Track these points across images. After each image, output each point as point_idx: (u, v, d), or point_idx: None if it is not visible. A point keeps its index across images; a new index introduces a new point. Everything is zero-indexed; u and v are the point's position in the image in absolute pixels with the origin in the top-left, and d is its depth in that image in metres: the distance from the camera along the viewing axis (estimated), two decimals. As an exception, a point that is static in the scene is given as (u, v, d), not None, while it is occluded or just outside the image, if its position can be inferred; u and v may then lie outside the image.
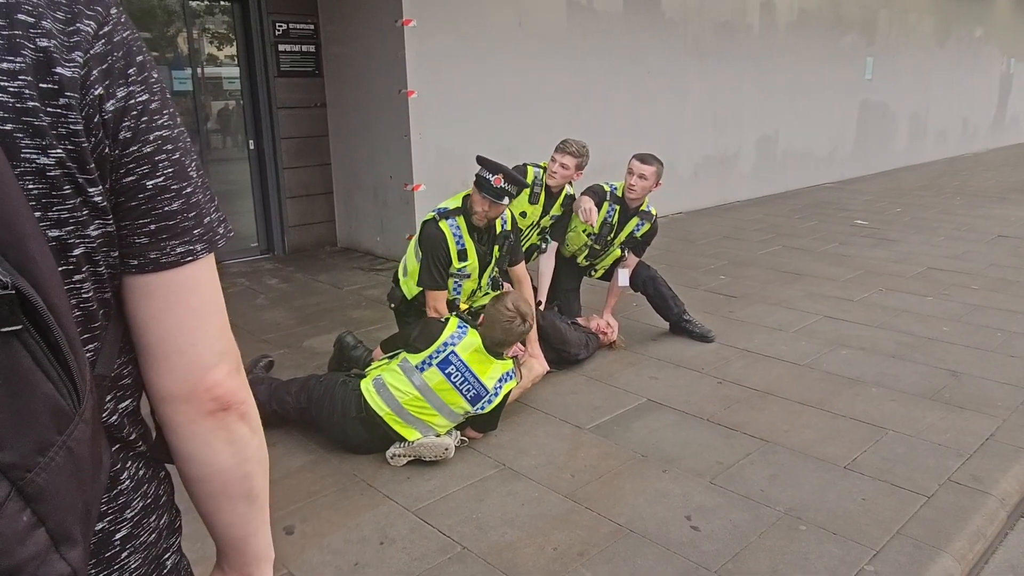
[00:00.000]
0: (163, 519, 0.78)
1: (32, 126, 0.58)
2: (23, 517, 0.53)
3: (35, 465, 0.53)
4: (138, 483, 0.75)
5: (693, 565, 2.31)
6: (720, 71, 8.34)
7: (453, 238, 3.32)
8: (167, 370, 0.71)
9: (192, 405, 0.72)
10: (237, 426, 0.75)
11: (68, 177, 0.61)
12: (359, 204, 6.46)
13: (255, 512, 0.80)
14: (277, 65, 6.09)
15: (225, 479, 0.76)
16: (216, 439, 0.74)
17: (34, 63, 0.59)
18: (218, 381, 0.72)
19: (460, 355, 2.94)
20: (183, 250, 0.69)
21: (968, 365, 3.87)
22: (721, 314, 4.70)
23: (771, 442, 3.09)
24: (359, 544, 2.43)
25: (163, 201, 0.68)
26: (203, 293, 0.72)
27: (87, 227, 0.63)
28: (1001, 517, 2.62)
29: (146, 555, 0.75)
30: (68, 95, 0.60)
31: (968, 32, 13.23)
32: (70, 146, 0.61)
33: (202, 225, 0.71)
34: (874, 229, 7.41)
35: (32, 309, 0.53)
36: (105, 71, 0.63)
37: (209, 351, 0.72)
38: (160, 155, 0.67)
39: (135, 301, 0.69)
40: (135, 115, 0.65)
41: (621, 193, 4.12)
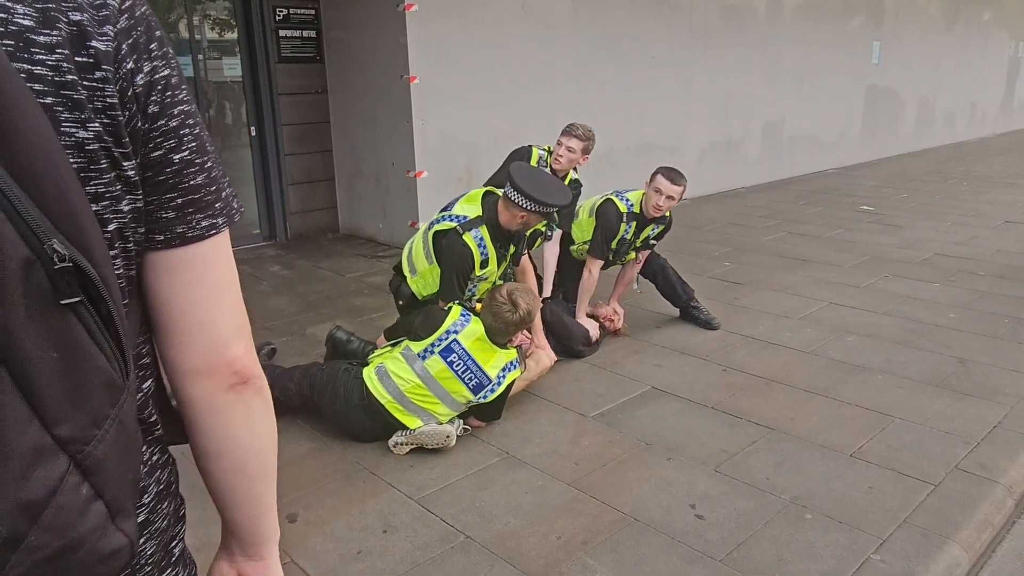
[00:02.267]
0: (172, 505, 0.78)
1: (71, 99, 0.58)
2: (82, 490, 0.53)
3: (92, 438, 0.54)
4: (152, 468, 0.74)
5: (697, 554, 2.29)
6: (726, 56, 8.26)
7: (479, 251, 3.20)
8: (189, 345, 0.71)
9: (213, 379, 0.72)
10: (254, 400, 0.75)
11: (105, 151, 0.61)
12: (361, 191, 6.43)
13: (266, 490, 0.80)
14: (278, 51, 6.05)
15: (242, 454, 0.76)
16: (235, 413, 0.74)
17: (69, 36, 0.59)
18: (238, 356, 0.73)
19: (463, 343, 2.92)
20: (208, 223, 0.70)
21: (975, 352, 3.84)
22: (726, 301, 4.67)
23: (776, 430, 3.07)
24: (362, 532, 2.42)
25: (189, 175, 0.68)
26: (223, 267, 0.72)
27: (120, 202, 0.63)
28: (1008, 505, 2.60)
29: (159, 541, 0.75)
30: (104, 68, 0.60)
31: (976, 15, 13.07)
32: (106, 120, 0.61)
33: (221, 199, 0.71)
34: (880, 215, 7.35)
35: (86, 282, 0.53)
36: (132, 45, 0.63)
37: (229, 325, 0.72)
38: (184, 129, 0.67)
39: (158, 277, 0.69)
40: (160, 89, 0.65)
41: (639, 208, 3.93)
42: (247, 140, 6.24)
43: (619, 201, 3.96)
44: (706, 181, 8.32)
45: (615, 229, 3.93)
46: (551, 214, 3.29)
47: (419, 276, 3.37)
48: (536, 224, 3.31)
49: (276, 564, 0.86)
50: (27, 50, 0.56)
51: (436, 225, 3.28)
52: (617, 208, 3.93)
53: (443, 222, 3.26)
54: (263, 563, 0.84)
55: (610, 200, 3.98)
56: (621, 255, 4.12)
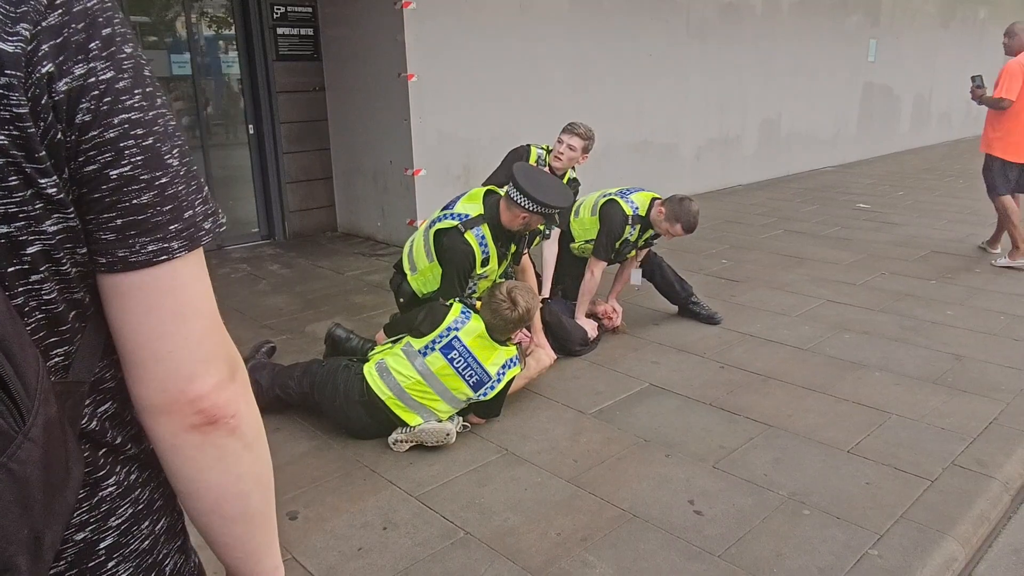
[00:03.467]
0: (159, 523, 0.74)
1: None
2: None
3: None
4: (127, 489, 0.70)
5: (697, 549, 2.31)
6: (723, 53, 8.27)
7: (480, 249, 3.22)
8: (145, 378, 0.64)
9: (174, 418, 0.65)
10: (226, 441, 0.68)
11: (14, 167, 0.55)
12: (359, 189, 6.43)
13: (253, 531, 0.74)
14: (276, 49, 6.04)
15: (216, 496, 0.70)
16: (202, 455, 0.67)
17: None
18: (202, 394, 0.65)
19: (463, 340, 2.93)
20: (155, 248, 0.62)
21: (971, 349, 3.86)
22: (723, 298, 4.69)
23: (774, 426, 3.08)
24: (363, 529, 2.43)
25: (130, 193, 0.60)
26: (182, 295, 0.64)
27: (42, 222, 0.57)
28: (1005, 501, 2.62)
29: (139, 563, 0.71)
30: (9, 73, 0.54)
31: (972, 13, 13.10)
32: (14, 131, 0.54)
33: (181, 220, 0.63)
34: (876, 212, 7.37)
35: None
36: (59, 45, 0.56)
37: (190, 359, 0.65)
38: (126, 140, 0.59)
39: (109, 302, 0.63)
40: (96, 95, 0.58)
41: (644, 212, 3.93)
42: (245, 138, 6.23)
43: (624, 203, 3.95)
44: (703, 178, 8.34)
45: (619, 232, 3.93)
46: (552, 215, 3.30)
47: (419, 274, 3.38)
48: (537, 224, 3.32)
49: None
50: None
51: (438, 223, 3.29)
52: (623, 211, 3.92)
53: (445, 220, 3.27)
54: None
55: (615, 202, 3.97)
56: (623, 255, 4.13)
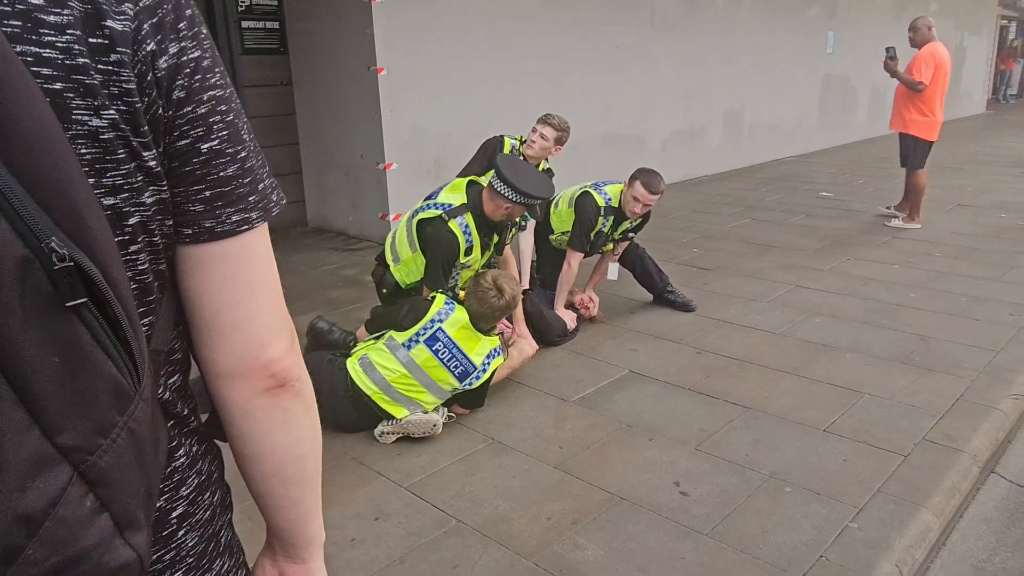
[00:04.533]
0: (216, 496, 0.77)
1: (83, 85, 0.54)
2: (86, 502, 0.51)
3: (97, 448, 0.51)
4: (193, 460, 0.73)
5: (685, 529, 2.36)
6: (687, 46, 8.38)
7: (464, 238, 3.23)
8: (222, 345, 0.68)
9: (248, 382, 0.69)
10: (292, 404, 0.72)
11: (122, 140, 0.57)
12: (330, 184, 6.37)
13: (307, 494, 0.78)
14: (241, 42, 5.96)
15: (279, 459, 0.74)
16: (271, 417, 0.71)
17: (83, 16, 0.54)
18: (274, 358, 0.69)
19: (447, 331, 2.95)
20: (239, 218, 0.66)
21: (935, 329, 4.00)
22: (696, 286, 4.77)
23: (752, 408, 3.16)
24: (354, 520, 2.44)
25: (218, 166, 0.64)
26: (258, 265, 0.68)
27: (142, 194, 0.60)
28: (974, 473, 2.73)
29: (202, 533, 0.73)
30: (120, 51, 0.56)
31: (924, 6, 13.46)
32: (123, 106, 0.57)
33: (257, 192, 0.67)
34: (839, 200, 7.56)
35: (90, 282, 0.50)
36: (156, 25, 0.59)
37: (265, 326, 0.69)
38: (214, 116, 0.63)
39: (188, 272, 0.66)
40: (188, 73, 0.61)
41: (617, 202, 3.96)
42: (211, 134, 6.13)
43: (597, 195, 3.99)
44: (670, 169, 8.38)
45: (592, 223, 3.98)
46: (534, 206, 3.33)
47: (402, 264, 3.38)
48: (519, 215, 3.35)
49: (320, 568, 0.84)
50: (35, 31, 0.52)
51: (420, 213, 3.29)
52: (595, 202, 3.97)
53: (428, 210, 3.27)
54: (304, 566, 0.82)
55: (588, 193, 4.01)
56: (599, 247, 4.18)
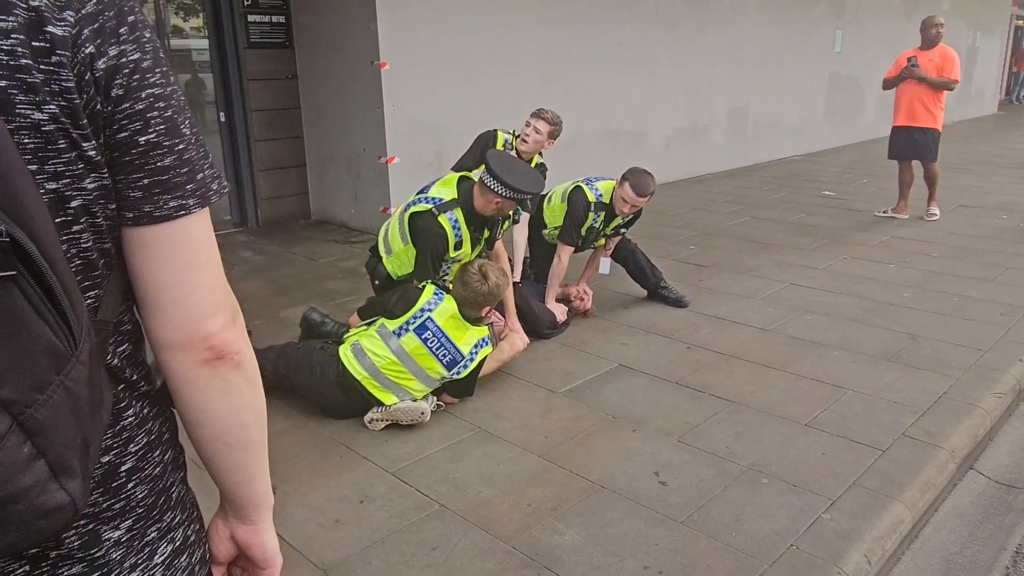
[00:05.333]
0: (167, 454, 0.83)
1: (26, 83, 0.61)
2: (24, 449, 0.57)
3: (34, 402, 0.57)
4: (142, 420, 0.79)
5: (660, 516, 2.42)
6: (690, 43, 8.39)
7: (453, 232, 3.29)
8: (164, 319, 0.74)
9: (188, 353, 0.75)
10: (232, 375, 0.78)
11: (62, 132, 0.64)
12: (332, 177, 6.45)
13: (252, 459, 0.83)
14: (247, 36, 6.03)
15: (221, 426, 0.79)
16: (211, 387, 0.77)
17: (26, 22, 0.61)
18: (212, 331, 0.75)
19: (436, 321, 3.01)
20: (176, 204, 0.72)
21: (926, 328, 4.03)
22: (690, 282, 4.81)
23: (737, 403, 3.21)
24: (340, 502, 2.51)
25: (155, 156, 0.70)
26: (196, 246, 0.74)
27: (83, 180, 0.67)
28: (951, 468, 2.77)
29: (152, 487, 0.80)
30: (60, 53, 0.63)
31: (936, 5, 13.38)
32: (63, 102, 0.63)
33: (195, 181, 0.73)
34: (841, 200, 7.57)
35: (27, 257, 0.56)
36: (96, 30, 0.65)
37: (204, 302, 0.75)
38: (152, 112, 0.69)
39: (132, 252, 0.73)
40: (127, 73, 0.67)
41: (608, 199, 4.02)
42: (217, 126, 6.22)
43: (588, 190, 4.05)
44: (672, 167, 8.48)
45: (583, 218, 4.03)
46: (524, 201, 3.38)
47: (394, 256, 3.45)
48: (510, 210, 3.40)
49: (268, 529, 0.89)
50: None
51: (412, 207, 3.36)
52: (586, 197, 4.02)
53: (419, 204, 3.34)
54: (253, 527, 0.88)
55: (580, 188, 4.07)
56: (591, 241, 4.23)
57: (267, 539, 0.90)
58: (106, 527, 0.75)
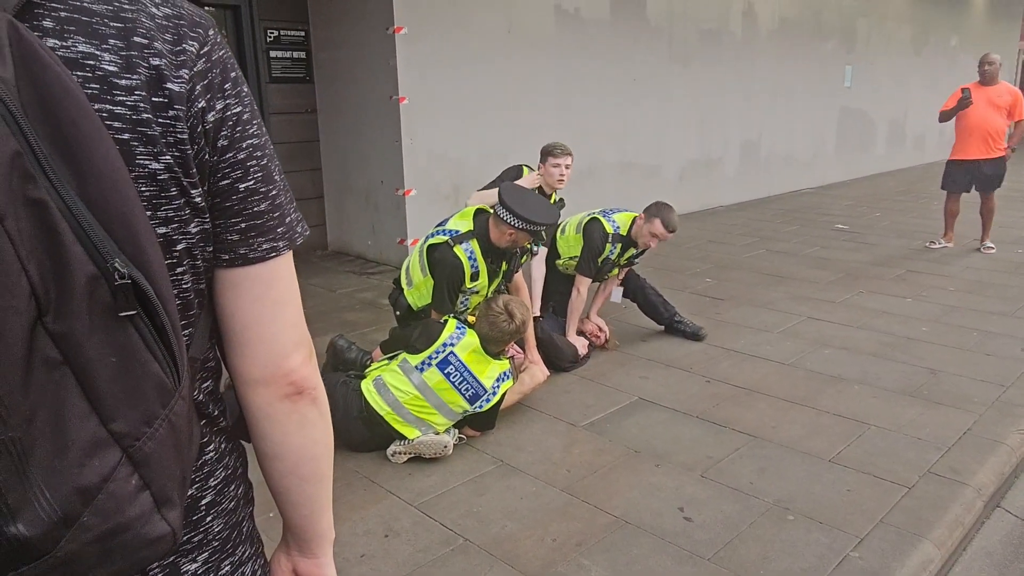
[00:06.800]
0: (240, 489, 0.86)
1: (146, 135, 0.66)
2: (132, 481, 0.60)
3: (143, 435, 0.61)
4: (221, 455, 0.82)
5: (687, 553, 2.41)
6: (704, 76, 8.50)
7: (469, 263, 3.33)
8: (250, 356, 0.78)
9: (271, 388, 0.79)
10: (308, 410, 0.81)
11: (175, 180, 0.68)
12: (350, 208, 6.52)
13: (321, 492, 0.87)
14: (269, 71, 6.16)
15: (295, 459, 0.83)
16: (290, 420, 0.80)
17: (148, 79, 0.66)
18: (294, 368, 0.79)
19: (459, 355, 3.03)
20: (268, 247, 0.76)
21: (946, 363, 4.01)
22: (708, 315, 4.82)
23: (759, 437, 3.20)
24: (365, 536, 2.51)
25: (253, 202, 0.75)
26: (283, 286, 0.79)
27: (188, 224, 0.71)
28: (978, 506, 2.74)
29: (227, 520, 0.82)
30: (177, 107, 0.68)
31: (944, 40, 13.53)
32: (177, 153, 0.68)
33: (284, 224, 0.78)
34: (855, 233, 7.58)
35: (143, 297, 0.60)
36: (206, 86, 0.71)
37: (287, 339, 0.78)
38: (251, 161, 0.75)
39: (223, 292, 0.77)
40: (231, 125, 0.73)
41: (625, 231, 4.06)
42: (237, 158, 6.30)
43: (606, 222, 4.09)
44: (686, 199, 8.52)
45: (600, 250, 4.07)
46: (539, 232, 3.42)
47: (415, 288, 3.49)
48: (524, 242, 3.43)
49: (329, 564, 0.91)
50: (109, 92, 0.64)
51: (430, 239, 3.41)
52: (603, 229, 4.06)
53: (437, 236, 3.39)
54: (315, 560, 0.91)
55: (597, 220, 4.11)
56: (605, 272, 4.26)
57: (328, 572, 0.92)
58: (185, 560, 0.77)
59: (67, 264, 0.56)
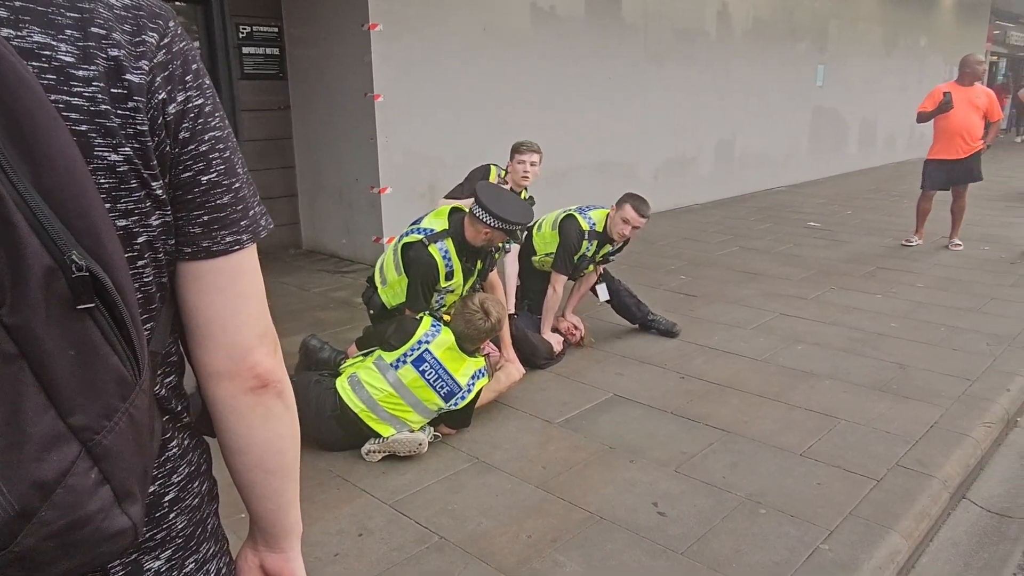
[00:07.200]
0: (204, 485, 0.85)
1: (104, 127, 0.65)
2: (91, 475, 0.59)
3: (102, 428, 0.60)
4: (184, 451, 0.81)
5: (661, 548, 2.42)
6: (679, 76, 8.56)
7: (443, 262, 3.32)
8: (213, 349, 0.77)
9: (235, 382, 0.78)
10: (273, 403, 0.81)
11: (135, 172, 0.68)
12: (324, 206, 6.48)
13: (287, 485, 0.86)
14: (241, 67, 6.09)
15: (261, 452, 0.82)
16: (255, 413, 0.80)
17: (106, 70, 0.65)
18: (258, 361, 0.78)
19: (434, 352, 3.02)
20: (231, 239, 0.76)
21: (914, 358, 4.08)
22: (682, 312, 4.86)
23: (732, 432, 3.23)
24: (338, 536, 2.49)
25: (215, 195, 0.74)
26: (246, 279, 0.78)
27: (149, 217, 0.70)
28: (944, 498, 2.80)
29: (191, 517, 0.81)
30: (136, 99, 0.67)
31: (914, 41, 13.76)
32: (136, 145, 0.67)
33: (248, 217, 0.78)
34: (826, 231, 7.68)
35: (102, 289, 0.59)
36: (167, 78, 0.70)
37: (251, 332, 0.78)
38: (213, 153, 0.74)
39: (187, 285, 0.76)
40: (192, 117, 0.72)
41: (601, 227, 4.07)
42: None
43: (581, 219, 4.10)
44: (661, 197, 8.56)
45: (576, 247, 4.08)
46: (514, 231, 3.42)
47: (389, 287, 3.47)
48: (500, 240, 3.43)
49: (297, 558, 0.91)
50: (66, 83, 0.63)
51: (405, 237, 3.39)
52: (579, 226, 4.07)
53: (411, 235, 3.38)
54: (283, 555, 0.90)
55: (572, 217, 4.12)
56: (581, 269, 4.28)
57: (296, 567, 0.91)
58: (148, 557, 0.76)
59: (23, 256, 0.55)
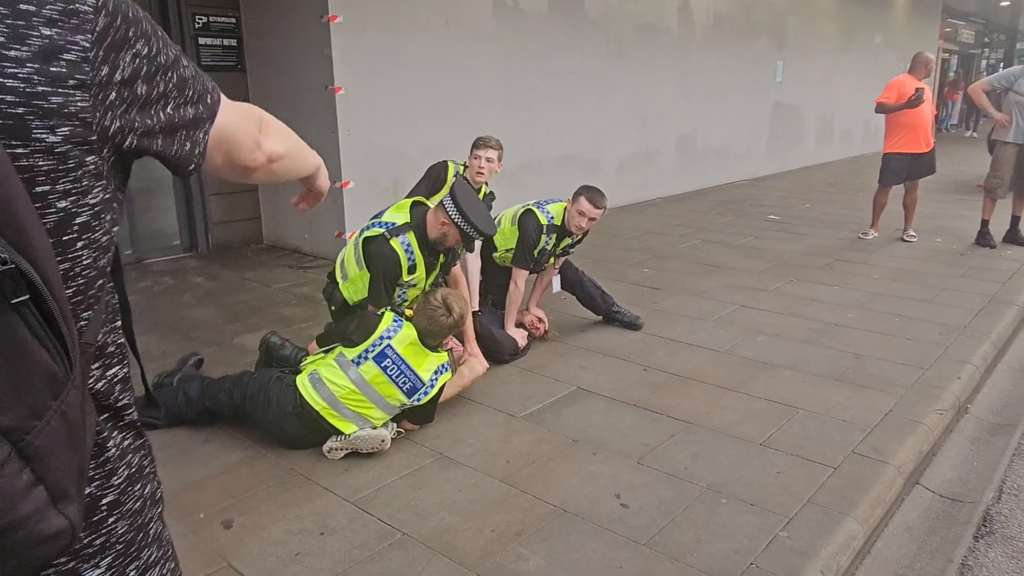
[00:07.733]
0: (147, 488, 0.82)
1: (42, 108, 0.63)
2: (23, 476, 0.57)
3: (32, 428, 0.58)
4: (123, 452, 0.78)
5: (623, 539, 2.44)
6: (641, 71, 8.61)
7: (405, 256, 3.28)
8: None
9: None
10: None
11: (74, 152, 0.66)
12: (286, 201, 6.37)
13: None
14: (198, 59, 5.95)
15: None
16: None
17: (40, 50, 0.62)
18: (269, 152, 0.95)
19: (396, 348, 3.00)
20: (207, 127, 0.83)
21: (870, 348, 4.17)
22: (645, 305, 4.90)
23: (693, 424, 3.27)
24: (300, 535, 2.46)
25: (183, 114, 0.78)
26: (232, 122, 0.87)
27: (87, 196, 0.68)
28: (898, 484, 2.87)
29: (132, 522, 0.78)
30: (76, 77, 0.65)
31: (869, 39, 14.05)
32: (77, 123, 0.65)
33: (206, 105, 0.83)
34: (786, 224, 7.81)
35: (28, 282, 0.57)
36: (110, 45, 0.68)
37: (252, 141, 0.93)
38: (168, 87, 0.76)
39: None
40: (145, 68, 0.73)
41: (560, 220, 4.08)
42: (165, 149, 6.09)
43: (540, 213, 4.10)
44: (625, 192, 8.63)
45: (535, 241, 4.08)
46: (470, 239, 3.35)
47: (350, 282, 3.43)
48: (453, 241, 3.34)
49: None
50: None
51: (366, 231, 3.35)
52: (537, 220, 4.08)
53: (372, 228, 3.33)
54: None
55: (531, 211, 4.12)
56: (541, 263, 4.28)
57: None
58: (86, 565, 0.74)
59: None
